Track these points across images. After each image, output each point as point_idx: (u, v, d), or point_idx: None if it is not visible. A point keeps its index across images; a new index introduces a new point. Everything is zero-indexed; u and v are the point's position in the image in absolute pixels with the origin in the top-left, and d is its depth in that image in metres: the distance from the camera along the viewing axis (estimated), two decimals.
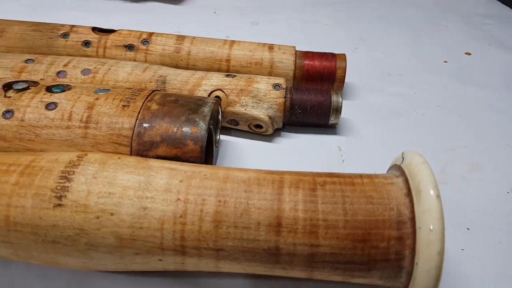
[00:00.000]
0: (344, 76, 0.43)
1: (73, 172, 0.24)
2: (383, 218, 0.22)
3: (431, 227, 0.21)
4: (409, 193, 0.23)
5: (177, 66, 0.44)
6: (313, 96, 0.38)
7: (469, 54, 0.58)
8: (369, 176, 0.25)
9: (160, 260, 0.24)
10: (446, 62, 0.55)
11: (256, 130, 0.40)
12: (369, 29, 0.64)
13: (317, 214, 0.23)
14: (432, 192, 0.22)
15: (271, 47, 0.44)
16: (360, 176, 0.25)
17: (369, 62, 0.54)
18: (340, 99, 0.38)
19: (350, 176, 0.25)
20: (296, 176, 0.25)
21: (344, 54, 0.44)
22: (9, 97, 0.31)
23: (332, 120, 0.39)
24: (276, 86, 0.38)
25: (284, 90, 0.38)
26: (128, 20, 0.61)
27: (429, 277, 0.21)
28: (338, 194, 0.23)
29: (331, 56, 0.44)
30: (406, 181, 0.23)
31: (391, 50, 0.58)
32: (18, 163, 0.25)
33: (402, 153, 0.26)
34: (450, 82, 0.51)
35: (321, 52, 0.44)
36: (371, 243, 0.22)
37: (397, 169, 0.25)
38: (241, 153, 0.39)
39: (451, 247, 0.30)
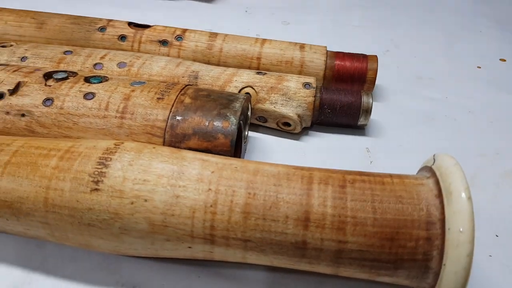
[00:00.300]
0: (375, 78, 0.43)
1: (110, 158, 0.25)
2: (412, 218, 0.22)
3: (461, 229, 0.21)
4: (439, 195, 0.23)
5: (208, 63, 0.45)
6: (343, 96, 0.39)
7: (504, 60, 0.57)
8: (399, 176, 0.25)
9: (190, 247, 0.24)
10: (480, 67, 0.55)
11: (284, 128, 0.40)
12: (401, 32, 0.63)
13: (346, 211, 0.23)
14: (463, 194, 0.22)
15: (302, 46, 0.45)
16: (390, 175, 0.25)
17: (400, 65, 0.54)
18: (371, 100, 0.38)
19: (380, 175, 0.25)
20: (326, 173, 0.25)
21: (376, 56, 0.44)
22: (50, 85, 0.33)
23: (361, 121, 0.39)
24: (306, 85, 0.39)
25: (314, 89, 0.39)
26: (162, 17, 0.62)
27: (456, 278, 0.21)
28: (368, 192, 0.23)
29: (363, 57, 0.44)
30: (437, 182, 0.23)
31: (424, 53, 0.57)
32: (58, 148, 0.26)
33: (434, 155, 0.25)
34: (483, 88, 0.50)
35: (352, 53, 0.45)
36: (399, 242, 0.22)
37: (428, 170, 0.25)
38: (268, 150, 0.40)
39: (479, 253, 0.30)
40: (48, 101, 0.32)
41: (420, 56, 0.57)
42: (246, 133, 0.38)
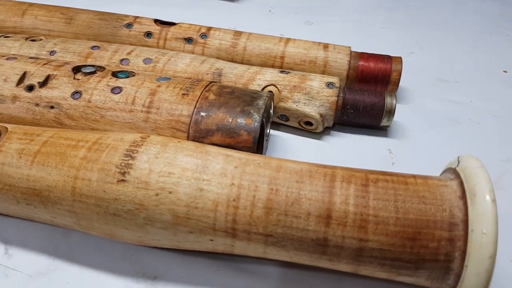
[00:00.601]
0: (399, 79, 0.43)
1: (137, 151, 0.25)
2: (435, 218, 0.22)
3: (484, 230, 0.21)
4: (463, 196, 0.23)
5: (232, 61, 0.45)
6: (366, 96, 0.39)
7: None
8: (422, 177, 0.25)
9: (211, 240, 0.25)
10: (506, 72, 0.54)
11: (305, 127, 0.40)
12: (426, 34, 0.62)
13: (368, 209, 0.23)
14: (488, 196, 0.21)
15: (326, 46, 0.45)
16: (414, 176, 0.25)
17: (425, 67, 0.53)
18: (394, 102, 0.38)
19: (403, 175, 0.25)
20: (348, 171, 0.25)
21: (400, 57, 0.44)
22: (78, 79, 0.33)
23: (384, 122, 0.39)
24: (329, 85, 0.39)
25: (337, 89, 0.39)
26: (187, 15, 0.63)
27: (478, 280, 0.21)
28: (391, 192, 0.23)
29: (387, 58, 0.44)
30: (461, 184, 0.23)
31: (449, 56, 0.57)
32: (86, 140, 0.27)
33: (458, 157, 0.25)
34: (509, 92, 0.49)
35: (376, 54, 0.44)
36: (421, 242, 0.22)
37: (452, 172, 0.25)
38: (289, 148, 0.40)
39: (500, 256, 0.30)
40: (76, 94, 0.33)
41: (445, 59, 0.56)
42: (268, 131, 0.38)
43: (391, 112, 0.38)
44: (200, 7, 0.68)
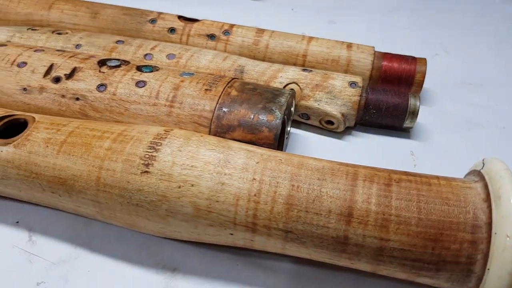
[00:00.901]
0: (423, 81, 0.42)
1: (161, 143, 0.26)
2: (458, 220, 0.22)
3: (508, 233, 0.20)
4: (487, 199, 0.22)
5: (254, 58, 0.45)
6: (389, 97, 0.38)
7: None
8: (446, 178, 0.24)
9: (231, 234, 0.25)
10: None
11: (326, 126, 0.40)
12: (451, 36, 0.62)
13: (390, 209, 0.23)
14: None
15: (349, 45, 0.44)
16: (437, 177, 0.24)
17: (449, 70, 0.53)
18: (418, 103, 0.38)
19: (426, 176, 0.25)
20: (371, 170, 0.25)
21: (425, 59, 0.43)
22: (103, 72, 0.34)
23: (407, 124, 0.39)
24: (352, 84, 0.38)
25: (360, 89, 0.38)
26: (210, 12, 0.64)
27: (500, 283, 0.20)
28: (414, 192, 0.23)
29: (411, 59, 0.43)
30: (485, 186, 0.23)
31: (474, 59, 0.56)
32: (111, 131, 0.27)
33: (483, 159, 0.25)
34: None
35: (401, 55, 0.44)
36: (443, 244, 0.22)
37: (476, 174, 0.24)
38: (309, 147, 0.40)
39: None
40: (101, 87, 0.33)
41: (471, 61, 0.55)
42: (289, 129, 0.38)
43: (414, 114, 0.38)
44: (223, 5, 0.68)
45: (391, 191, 0.23)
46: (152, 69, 0.35)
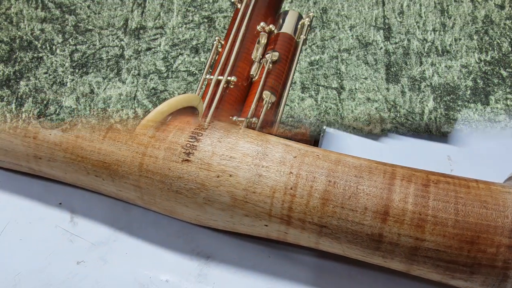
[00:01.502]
0: None
1: (202, 134, 0.27)
2: (496, 224, 0.22)
3: None
4: None
5: None
6: None
7: None
8: (485, 182, 0.24)
9: (266, 225, 0.26)
10: None
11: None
12: None
13: (427, 209, 0.23)
14: None
15: None
16: (476, 181, 0.24)
17: None
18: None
19: (465, 179, 0.24)
20: (409, 170, 0.25)
21: None
22: None
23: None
24: None
25: None
26: None
27: None
28: (452, 194, 0.23)
29: None
30: None
31: None
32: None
33: None
34: None
35: None
36: (479, 247, 0.22)
37: None
38: (344, 147, 0.40)
39: None
40: None
41: None
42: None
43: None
44: None
45: (429, 191, 0.23)
46: None
